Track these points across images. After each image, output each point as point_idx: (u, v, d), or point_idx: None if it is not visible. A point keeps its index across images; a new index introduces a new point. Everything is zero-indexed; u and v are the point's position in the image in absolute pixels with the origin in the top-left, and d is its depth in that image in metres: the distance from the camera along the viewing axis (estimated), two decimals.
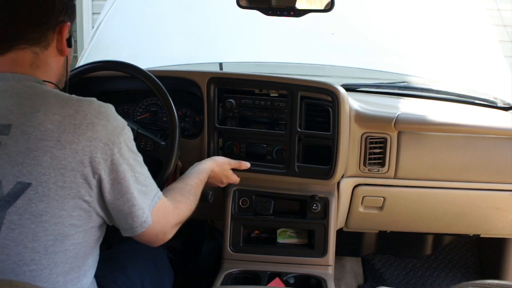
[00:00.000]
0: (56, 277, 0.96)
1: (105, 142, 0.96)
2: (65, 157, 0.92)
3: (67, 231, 0.95)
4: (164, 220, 1.14)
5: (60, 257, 0.95)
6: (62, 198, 0.92)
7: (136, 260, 1.50)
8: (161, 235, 1.16)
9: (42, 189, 0.91)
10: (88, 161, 0.94)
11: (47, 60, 1.07)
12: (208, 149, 1.70)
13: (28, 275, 0.93)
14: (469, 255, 2.44)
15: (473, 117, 1.85)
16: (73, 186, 0.93)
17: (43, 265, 0.94)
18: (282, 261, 1.70)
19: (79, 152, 0.93)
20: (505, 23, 4.19)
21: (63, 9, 1.06)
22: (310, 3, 1.61)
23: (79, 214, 0.96)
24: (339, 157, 1.64)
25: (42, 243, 0.92)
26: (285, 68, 2.62)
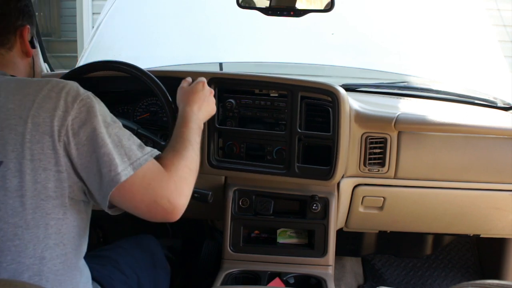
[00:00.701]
0: (42, 253, 0.98)
1: (63, 110, 0.99)
2: (29, 132, 0.96)
3: (44, 205, 0.97)
4: (156, 184, 1.03)
5: (42, 232, 0.97)
6: (34, 171, 0.95)
7: (131, 256, 1.51)
8: (162, 202, 1.03)
9: (13, 165, 0.95)
10: (50, 131, 0.97)
11: (13, 60, 1.17)
12: (208, 149, 1.70)
13: (13, 251, 0.96)
14: (469, 255, 2.44)
15: (473, 117, 1.85)
16: (42, 157, 0.96)
17: (26, 239, 0.96)
18: (282, 261, 1.70)
19: (41, 125, 0.97)
20: (505, 23, 4.19)
21: (19, 14, 1.16)
22: (310, 3, 1.61)
23: (54, 185, 0.97)
24: (339, 158, 1.64)
25: (22, 217, 0.95)
26: (285, 68, 2.62)
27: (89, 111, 1.01)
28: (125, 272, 1.42)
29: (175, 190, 1.05)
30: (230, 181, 1.77)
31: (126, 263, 1.46)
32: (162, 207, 1.03)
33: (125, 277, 1.40)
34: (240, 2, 1.59)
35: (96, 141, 0.99)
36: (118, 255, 1.49)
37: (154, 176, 1.03)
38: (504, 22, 4.19)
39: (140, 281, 1.45)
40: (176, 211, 1.05)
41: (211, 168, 1.71)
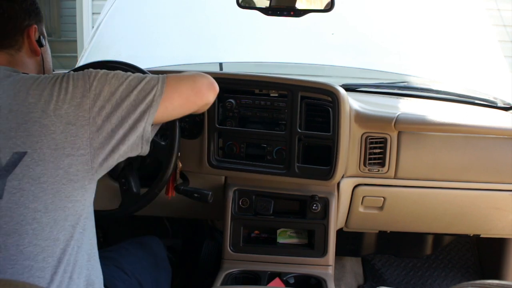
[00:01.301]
0: (57, 234, 1.02)
1: (81, 96, 1.04)
2: (53, 123, 1.01)
3: (65, 188, 1.02)
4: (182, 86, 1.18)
5: (60, 214, 1.02)
6: (57, 159, 1.01)
7: (135, 256, 1.53)
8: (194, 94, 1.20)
9: (37, 155, 1.00)
10: (74, 120, 1.02)
11: (23, 60, 1.20)
12: (208, 150, 1.70)
13: (31, 234, 1.00)
14: (469, 255, 2.44)
15: (473, 117, 1.85)
16: (66, 145, 1.01)
17: (44, 223, 1.01)
18: (282, 261, 1.70)
19: (63, 116, 1.02)
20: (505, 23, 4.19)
21: (26, 14, 1.18)
22: (310, 3, 1.61)
23: (76, 169, 1.03)
24: (339, 158, 1.64)
25: (42, 202, 1.00)
26: (285, 68, 2.62)
27: (100, 83, 1.06)
28: (127, 272, 1.43)
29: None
30: (230, 181, 1.77)
31: (128, 263, 1.47)
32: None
33: (127, 277, 1.42)
34: (240, 2, 1.59)
35: (120, 93, 1.06)
36: (121, 255, 1.51)
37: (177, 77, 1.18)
38: (504, 22, 4.19)
39: (142, 281, 1.46)
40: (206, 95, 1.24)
41: (211, 168, 1.71)
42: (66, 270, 1.04)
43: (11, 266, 0.99)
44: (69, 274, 1.05)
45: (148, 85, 1.10)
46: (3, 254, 0.99)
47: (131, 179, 1.50)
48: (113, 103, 1.06)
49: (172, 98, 1.14)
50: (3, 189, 0.99)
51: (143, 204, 1.47)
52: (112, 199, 1.59)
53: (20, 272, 0.99)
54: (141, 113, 1.08)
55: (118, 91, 1.07)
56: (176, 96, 1.15)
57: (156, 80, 1.12)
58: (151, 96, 1.09)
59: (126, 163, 1.52)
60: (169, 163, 1.43)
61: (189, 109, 1.22)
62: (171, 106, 1.15)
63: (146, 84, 1.10)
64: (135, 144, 1.10)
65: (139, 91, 1.08)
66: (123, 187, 1.50)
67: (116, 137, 1.06)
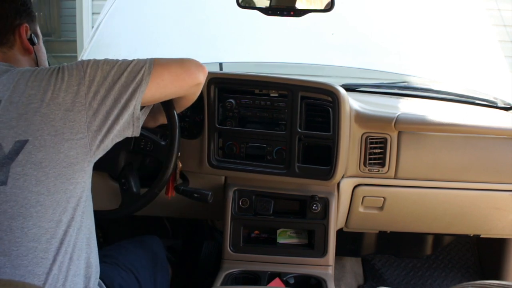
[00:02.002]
0: (59, 216, 1.07)
1: (77, 84, 1.09)
2: (52, 111, 1.07)
3: (66, 171, 1.07)
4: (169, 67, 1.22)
5: (62, 196, 1.07)
6: (58, 144, 1.06)
7: (134, 254, 1.55)
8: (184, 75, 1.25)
9: (38, 142, 1.05)
10: (72, 106, 1.08)
11: (16, 57, 1.25)
12: (208, 150, 1.70)
13: (35, 216, 1.05)
14: (469, 255, 2.44)
15: (473, 117, 1.85)
16: (65, 131, 1.07)
17: (47, 205, 1.06)
18: (282, 261, 1.70)
19: (61, 104, 1.08)
20: (505, 23, 4.19)
21: (16, 13, 1.23)
22: (310, 3, 1.61)
23: (76, 152, 1.08)
24: (339, 158, 1.64)
25: (45, 185, 1.05)
26: (285, 68, 2.62)
27: (93, 68, 1.12)
28: (125, 268, 1.46)
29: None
30: (230, 181, 1.77)
31: (127, 260, 1.50)
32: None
33: (125, 273, 1.44)
34: (240, 2, 1.59)
35: (112, 77, 1.12)
36: (120, 254, 1.53)
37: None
38: (504, 22, 4.19)
39: (140, 278, 1.48)
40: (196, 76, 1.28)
41: (211, 168, 1.71)
42: (66, 251, 1.09)
43: (16, 248, 1.03)
44: (69, 255, 1.09)
45: (137, 66, 1.16)
46: (9, 237, 1.03)
47: (131, 179, 1.50)
48: (106, 86, 1.11)
49: (162, 75, 1.19)
50: (8, 175, 1.04)
51: (143, 204, 1.47)
52: (112, 199, 1.59)
53: (24, 253, 1.03)
54: (132, 92, 1.14)
55: (109, 75, 1.13)
56: (166, 73, 1.20)
57: (144, 62, 1.18)
58: (140, 75, 1.15)
59: (126, 163, 1.52)
60: (169, 162, 1.43)
61: (181, 87, 1.26)
62: (162, 83, 1.19)
63: (135, 65, 1.16)
64: (127, 122, 1.15)
65: (129, 73, 1.14)
66: (123, 187, 1.50)
67: (111, 117, 1.12)
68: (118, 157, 1.51)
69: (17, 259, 1.03)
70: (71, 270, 1.10)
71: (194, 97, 1.40)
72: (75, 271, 1.11)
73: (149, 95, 1.17)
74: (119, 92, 1.12)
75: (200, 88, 1.36)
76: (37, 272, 1.04)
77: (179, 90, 1.28)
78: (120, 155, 1.51)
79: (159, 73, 1.18)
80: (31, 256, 1.04)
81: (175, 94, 1.29)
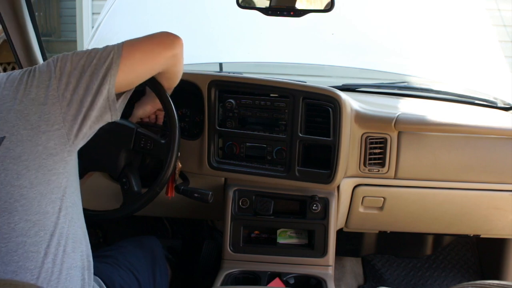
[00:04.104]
0: (46, 207, 1.07)
1: (48, 78, 1.10)
2: (26, 107, 1.07)
3: (46, 163, 1.07)
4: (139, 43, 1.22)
5: (45, 187, 1.07)
6: (34, 137, 1.07)
7: (132, 254, 1.55)
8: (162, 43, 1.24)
9: (15, 137, 1.06)
10: (45, 100, 1.09)
11: None
12: (208, 151, 1.70)
13: (20, 210, 1.04)
14: (469, 255, 2.44)
15: (473, 117, 1.85)
16: (41, 124, 1.07)
17: (31, 198, 1.05)
18: (282, 261, 1.70)
19: (35, 99, 1.08)
20: (505, 23, 4.19)
21: None
22: (310, 3, 1.61)
23: (54, 143, 1.08)
24: (340, 163, 1.64)
25: (27, 178, 1.05)
26: (285, 68, 2.62)
27: (63, 61, 1.13)
28: (124, 268, 1.46)
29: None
30: (230, 181, 1.77)
31: (126, 260, 1.50)
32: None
33: (124, 272, 1.44)
34: (240, 2, 1.59)
35: (82, 66, 1.12)
36: (119, 253, 1.53)
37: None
38: (504, 22, 4.19)
39: (139, 277, 1.48)
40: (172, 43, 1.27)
41: (211, 169, 1.71)
42: (59, 243, 1.08)
43: (4, 245, 1.02)
44: (62, 248, 1.09)
45: (106, 52, 1.15)
46: None
47: (132, 178, 1.50)
48: (77, 75, 1.11)
49: (133, 54, 1.18)
50: None
51: (145, 203, 1.47)
52: (112, 199, 1.59)
53: (14, 249, 1.02)
54: (103, 76, 1.13)
55: (79, 64, 1.13)
56: (137, 52, 1.19)
57: (113, 46, 1.17)
58: (110, 58, 1.14)
59: (127, 163, 1.52)
60: (169, 164, 1.43)
61: (155, 62, 1.24)
62: (133, 61, 1.18)
63: (103, 51, 1.15)
64: (103, 107, 1.14)
65: (98, 59, 1.14)
66: (124, 186, 1.50)
67: (85, 105, 1.11)
68: (118, 156, 1.51)
69: (7, 256, 1.02)
70: (65, 263, 1.09)
71: (175, 69, 1.35)
72: (71, 263, 1.11)
73: (123, 77, 1.16)
74: (89, 79, 1.12)
75: (178, 59, 1.31)
76: (29, 267, 1.03)
77: (155, 65, 1.24)
78: (120, 155, 1.51)
79: (129, 53, 1.17)
80: (21, 251, 1.03)
81: (152, 70, 1.25)
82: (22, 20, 1.77)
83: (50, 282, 1.06)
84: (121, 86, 1.17)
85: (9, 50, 1.85)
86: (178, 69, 1.36)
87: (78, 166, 1.55)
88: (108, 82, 1.13)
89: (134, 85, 1.24)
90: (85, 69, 1.12)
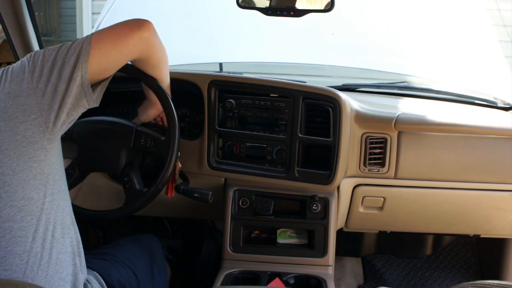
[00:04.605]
0: (30, 193, 1.10)
1: (22, 73, 1.13)
2: (2, 101, 1.10)
3: (26, 151, 1.10)
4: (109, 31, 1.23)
5: (27, 174, 1.10)
6: (13, 128, 1.09)
7: (130, 251, 1.56)
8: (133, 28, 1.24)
9: None
10: (21, 92, 1.11)
11: None
12: (208, 151, 1.70)
13: (5, 197, 1.07)
14: (469, 255, 2.44)
15: (473, 117, 1.85)
16: (18, 115, 1.10)
17: (14, 184, 1.08)
18: (282, 261, 1.70)
19: (11, 92, 1.11)
20: (505, 23, 4.19)
21: None
22: (310, 3, 1.61)
23: (32, 132, 1.11)
24: (339, 164, 1.64)
25: (8, 166, 1.08)
26: (285, 68, 2.62)
27: (36, 56, 1.15)
28: (122, 264, 1.47)
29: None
30: (230, 181, 1.77)
31: (125, 257, 1.51)
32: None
33: (122, 269, 1.46)
34: (240, 2, 1.59)
35: (54, 57, 1.14)
36: (118, 251, 1.54)
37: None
38: (504, 22, 4.19)
39: (137, 273, 1.49)
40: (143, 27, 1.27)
41: (211, 170, 1.71)
42: (47, 228, 1.11)
43: None
44: (51, 233, 1.12)
45: (76, 42, 1.17)
46: None
47: (133, 176, 1.50)
48: (49, 65, 1.14)
49: (102, 39, 1.18)
50: None
51: (147, 200, 1.46)
52: (113, 199, 1.60)
53: (1, 235, 1.06)
54: (74, 63, 1.14)
55: (51, 56, 1.15)
56: (105, 37, 1.20)
57: (82, 37, 1.20)
58: (80, 46, 1.16)
59: (127, 162, 1.52)
60: (169, 163, 1.43)
61: (126, 46, 1.23)
62: (104, 47, 1.18)
63: (74, 42, 1.18)
64: (78, 94, 1.15)
65: (68, 49, 1.16)
66: (126, 185, 1.50)
67: (60, 93, 1.13)
68: (118, 156, 1.51)
69: None
70: (55, 248, 1.12)
71: (152, 53, 1.34)
72: (60, 248, 1.13)
73: (95, 62, 1.16)
74: (61, 67, 1.14)
75: (150, 43, 1.30)
76: (18, 251, 1.06)
77: (125, 48, 1.24)
78: (120, 154, 1.51)
79: (98, 39, 1.18)
80: (8, 236, 1.06)
81: (125, 54, 1.25)
82: (22, 20, 1.77)
83: (40, 266, 1.09)
84: (96, 72, 1.18)
85: (9, 50, 1.85)
86: (156, 54, 1.36)
87: (79, 167, 1.55)
88: (80, 68, 1.14)
89: (110, 71, 1.24)
90: (57, 60, 1.15)
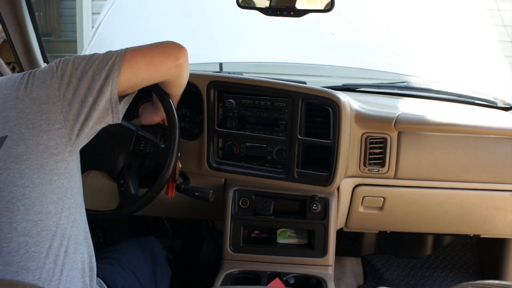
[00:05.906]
0: (47, 207, 1.07)
1: (50, 78, 1.11)
2: (27, 106, 1.08)
3: (47, 162, 1.08)
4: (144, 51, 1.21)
5: (47, 187, 1.07)
6: (36, 136, 1.07)
7: (132, 255, 1.55)
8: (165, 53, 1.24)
9: (17, 136, 1.06)
10: (46, 99, 1.09)
11: None
12: (208, 152, 1.70)
13: (22, 210, 1.04)
14: (469, 255, 2.44)
15: (473, 117, 1.85)
16: (42, 123, 1.08)
17: (33, 197, 1.05)
18: (282, 261, 1.70)
19: (36, 98, 1.09)
20: (505, 23, 4.19)
21: None
22: (310, 3, 1.61)
23: (56, 142, 1.09)
24: (339, 165, 1.64)
25: (29, 178, 1.05)
26: (285, 68, 2.62)
27: (65, 62, 1.14)
28: (125, 269, 1.46)
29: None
30: (230, 181, 1.77)
31: (127, 261, 1.50)
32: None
33: (125, 273, 1.45)
34: (240, 2, 1.59)
35: (83, 66, 1.13)
36: (120, 254, 1.53)
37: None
38: (504, 22, 4.19)
39: (140, 278, 1.48)
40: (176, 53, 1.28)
41: (211, 170, 1.71)
42: (61, 244, 1.08)
43: (6, 245, 1.02)
44: (64, 249, 1.09)
45: (109, 54, 1.16)
46: None
47: (130, 181, 1.50)
48: (78, 75, 1.12)
49: (135, 58, 1.17)
50: None
51: (140, 206, 1.47)
52: (112, 199, 1.59)
53: (16, 249, 1.02)
54: (105, 78, 1.13)
55: (81, 65, 1.13)
56: (139, 56, 1.19)
57: (115, 50, 1.18)
58: (112, 60, 1.14)
59: (125, 164, 1.52)
60: (169, 164, 1.43)
61: (158, 70, 1.23)
62: (136, 66, 1.17)
63: (106, 54, 1.16)
64: (105, 109, 1.14)
65: (100, 61, 1.14)
66: (121, 188, 1.51)
67: (87, 105, 1.11)
68: (117, 157, 1.51)
69: (8, 255, 1.02)
70: (67, 264, 1.09)
71: (179, 79, 1.35)
72: (72, 265, 1.10)
73: (125, 79, 1.15)
74: (91, 80, 1.12)
75: (182, 70, 1.31)
76: (31, 267, 1.03)
77: (158, 73, 1.24)
78: (119, 156, 1.51)
79: (132, 57, 1.17)
80: (23, 251, 1.03)
81: (155, 77, 1.26)
82: (22, 20, 1.76)
83: (51, 283, 1.06)
84: (124, 89, 1.17)
85: (9, 50, 1.85)
86: (183, 79, 1.37)
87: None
88: (111, 83, 1.13)
89: (136, 88, 1.24)
90: (87, 70, 1.12)
